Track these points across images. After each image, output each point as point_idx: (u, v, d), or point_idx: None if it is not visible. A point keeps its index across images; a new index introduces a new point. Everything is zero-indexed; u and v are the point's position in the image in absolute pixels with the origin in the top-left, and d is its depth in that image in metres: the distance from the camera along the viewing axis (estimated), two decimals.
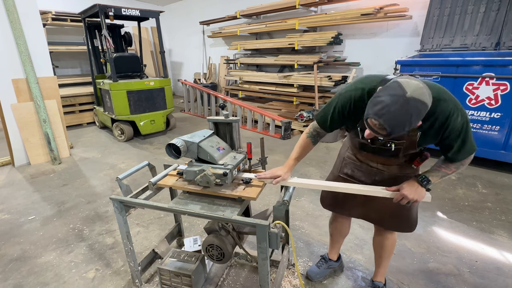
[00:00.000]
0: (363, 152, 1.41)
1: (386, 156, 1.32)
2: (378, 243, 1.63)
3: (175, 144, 1.40)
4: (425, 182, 1.20)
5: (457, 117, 1.08)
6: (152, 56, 8.83)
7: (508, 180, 3.13)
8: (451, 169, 1.21)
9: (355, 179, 1.48)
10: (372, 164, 1.42)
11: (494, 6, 3.63)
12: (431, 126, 1.12)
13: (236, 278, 1.83)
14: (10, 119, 3.67)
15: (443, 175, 1.22)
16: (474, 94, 3.23)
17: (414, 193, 1.20)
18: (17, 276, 1.93)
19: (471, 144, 1.15)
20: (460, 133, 1.11)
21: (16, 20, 3.40)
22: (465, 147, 1.14)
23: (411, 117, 0.95)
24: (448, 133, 1.11)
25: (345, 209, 1.59)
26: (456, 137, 1.12)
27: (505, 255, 2.02)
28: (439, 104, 1.07)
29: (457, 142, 1.13)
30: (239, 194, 1.37)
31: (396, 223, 1.47)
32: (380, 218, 1.49)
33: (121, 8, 4.43)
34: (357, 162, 1.48)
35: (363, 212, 1.52)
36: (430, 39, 4.14)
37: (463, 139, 1.12)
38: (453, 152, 1.16)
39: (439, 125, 1.10)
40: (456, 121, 1.08)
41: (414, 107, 0.94)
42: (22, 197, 3.01)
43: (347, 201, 1.53)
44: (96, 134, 5.41)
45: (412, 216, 1.44)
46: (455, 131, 1.10)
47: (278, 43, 5.74)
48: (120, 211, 1.49)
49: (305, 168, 3.57)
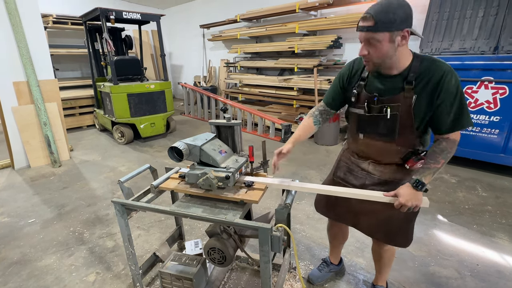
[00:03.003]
0: (359, 138, 1.38)
1: (382, 136, 1.28)
2: (376, 253, 1.60)
3: (177, 147, 1.41)
4: (420, 185, 1.16)
5: (451, 78, 1.10)
6: (152, 59, 8.86)
7: (508, 183, 3.14)
8: (439, 162, 1.16)
9: (347, 182, 1.48)
10: (363, 166, 1.40)
11: (493, 10, 3.66)
12: (425, 86, 1.13)
13: (237, 281, 1.83)
14: (11, 121, 3.67)
15: (434, 171, 1.17)
16: (473, 97, 3.25)
17: (412, 199, 1.16)
18: (17, 279, 1.92)
19: (468, 113, 1.14)
20: (455, 97, 1.11)
21: (17, 23, 3.42)
22: (463, 114, 1.12)
23: (396, 9, 1.05)
24: (442, 96, 1.12)
25: (337, 214, 1.57)
26: (451, 102, 1.12)
27: (506, 258, 2.03)
28: (434, 63, 1.13)
29: (453, 108, 1.12)
30: (241, 197, 1.37)
31: (387, 235, 1.41)
32: (369, 228, 1.45)
33: (122, 11, 4.46)
34: (349, 164, 1.47)
35: (354, 221, 1.49)
36: (429, 43, 4.17)
37: (459, 105, 1.12)
38: (450, 121, 1.14)
39: (433, 86, 1.12)
40: (450, 82, 1.10)
41: (398, 3, 1.06)
42: (22, 200, 3.00)
43: (340, 206, 1.51)
44: (96, 136, 5.41)
45: (405, 230, 1.39)
46: (449, 94, 1.11)
47: (278, 46, 5.77)
48: (122, 214, 1.49)
49: (305, 171, 3.57)
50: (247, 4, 6.65)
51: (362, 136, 1.36)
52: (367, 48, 1.14)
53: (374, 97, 1.24)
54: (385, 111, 1.21)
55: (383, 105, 1.23)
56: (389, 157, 1.33)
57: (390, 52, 1.12)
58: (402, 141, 1.26)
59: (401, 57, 1.16)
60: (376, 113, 1.25)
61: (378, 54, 1.13)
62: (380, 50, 1.11)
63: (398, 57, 1.15)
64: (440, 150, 1.18)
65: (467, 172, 3.42)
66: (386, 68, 1.20)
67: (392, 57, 1.14)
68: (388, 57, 1.14)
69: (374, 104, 1.25)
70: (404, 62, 1.18)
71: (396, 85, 1.20)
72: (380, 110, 1.24)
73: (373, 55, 1.14)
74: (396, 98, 1.19)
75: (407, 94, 1.17)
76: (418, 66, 1.16)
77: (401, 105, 1.18)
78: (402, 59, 1.17)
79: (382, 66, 1.19)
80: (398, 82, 1.20)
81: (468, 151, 3.42)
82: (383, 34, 1.08)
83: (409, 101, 1.17)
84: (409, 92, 1.16)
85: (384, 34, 1.08)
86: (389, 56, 1.13)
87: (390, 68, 1.19)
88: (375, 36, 1.09)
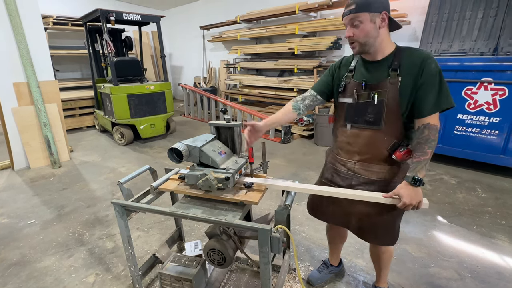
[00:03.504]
0: (347, 130, 1.39)
1: (370, 124, 1.30)
2: (374, 255, 1.62)
3: (177, 149, 1.41)
4: (417, 182, 1.18)
5: (431, 62, 1.20)
6: (152, 60, 8.87)
7: (508, 185, 3.14)
8: (427, 153, 1.19)
9: (334, 183, 1.49)
10: (349, 166, 1.41)
11: (492, 12, 3.68)
12: (409, 70, 1.21)
13: (237, 282, 1.82)
14: (11, 122, 3.68)
15: (425, 163, 1.20)
16: (473, 98, 3.26)
17: (414, 197, 1.18)
18: (16, 280, 1.91)
19: (449, 94, 1.21)
20: (435, 78, 1.19)
21: (18, 25, 3.43)
22: (444, 94, 1.20)
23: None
24: (424, 77, 1.19)
25: (328, 216, 1.57)
26: (433, 82, 1.19)
27: (506, 259, 2.02)
28: (416, 50, 1.25)
29: (435, 87, 1.19)
30: (241, 199, 1.37)
31: (376, 236, 1.43)
32: (360, 229, 1.45)
33: (122, 13, 4.47)
34: (335, 165, 1.48)
35: (346, 221, 1.49)
36: (429, 44, 4.18)
37: (440, 85, 1.20)
38: (432, 101, 1.19)
39: (416, 69, 1.20)
40: (431, 65, 1.19)
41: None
42: (22, 201, 3.00)
43: (330, 208, 1.52)
44: (96, 137, 5.41)
45: (391, 229, 1.41)
46: (430, 76, 1.19)
47: (278, 47, 5.78)
48: (122, 215, 1.49)
49: (305, 172, 3.57)
50: (247, 5, 6.66)
51: (350, 126, 1.39)
52: (351, 30, 1.23)
53: (362, 82, 1.31)
54: (373, 97, 1.27)
55: (371, 91, 1.29)
56: (376, 149, 1.33)
57: (372, 32, 1.21)
58: (388, 129, 1.29)
59: (383, 40, 1.25)
60: (364, 100, 1.31)
61: (362, 34, 1.22)
62: (363, 29, 1.21)
63: (381, 39, 1.24)
64: (424, 139, 1.21)
65: (467, 173, 3.42)
66: (371, 52, 1.27)
67: (376, 39, 1.23)
68: (371, 36, 1.22)
69: (362, 90, 1.31)
70: (386, 46, 1.27)
71: (382, 71, 1.27)
72: (368, 97, 1.29)
73: (358, 35, 1.22)
74: (383, 84, 1.26)
75: (392, 80, 1.23)
76: (401, 54, 1.25)
77: (387, 91, 1.24)
78: (385, 43, 1.26)
79: (368, 48, 1.25)
80: (383, 68, 1.27)
81: (468, 152, 3.42)
82: (364, 15, 1.19)
83: (395, 87, 1.23)
84: (394, 78, 1.23)
85: (365, 15, 1.19)
86: (372, 36, 1.22)
87: (374, 52, 1.27)
88: (357, 17, 1.20)
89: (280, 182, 1.48)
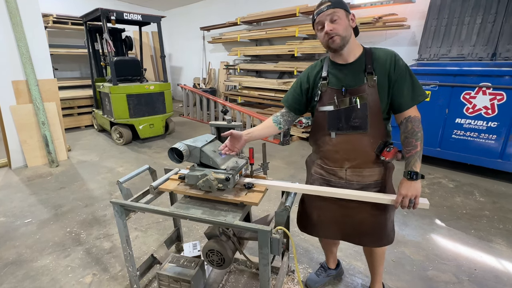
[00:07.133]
0: (331, 138, 1.36)
1: (356, 129, 1.30)
2: (368, 253, 1.64)
3: (177, 148, 1.40)
4: (414, 175, 1.21)
5: (399, 58, 1.28)
6: (152, 60, 8.87)
7: (505, 189, 3.15)
8: (417, 146, 1.23)
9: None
10: (341, 174, 1.38)
11: (490, 17, 3.71)
12: (381, 68, 1.26)
13: (235, 284, 1.82)
14: (9, 120, 3.65)
15: (418, 155, 1.23)
16: (471, 103, 3.28)
17: (412, 190, 1.21)
18: (12, 280, 1.89)
19: (420, 86, 1.28)
20: (406, 72, 1.26)
21: (18, 23, 3.42)
22: (417, 86, 1.27)
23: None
24: (397, 71, 1.25)
25: (320, 231, 1.55)
26: (404, 76, 1.26)
27: (503, 263, 2.03)
28: (382, 50, 1.31)
29: (408, 81, 1.26)
30: (241, 199, 1.36)
31: (375, 239, 1.43)
32: (358, 237, 1.45)
33: (123, 12, 4.47)
34: (324, 175, 1.45)
35: (341, 232, 1.48)
36: (428, 49, 4.21)
37: (411, 79, 1.26)
38: (409, 94, 1.25)
39: (387, 66, 1.26)
40: (399, 61, 1.27)
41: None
42: (19, 199, 2.98)
43: (322, 222, 1.50)
44: (94, 137, 5.39)
45: (385, 229, 1.42)
46: (402, 70, 1.25)
47: (278, 49, 5.80)
48: (120, 215, 1.48)
49: (303, 174, 3.56)
50: (247, 7, 6.68)
51: (334, 134, 1.35)
52: (331, 25, 1.24)
53: (342, 88, 1.31)
54: (355, 102, 1.28)
55: (351, 96, 1.29)
56: (364, 152, 1.32)
57: (349, 29, 1.26)
58: (374, 131, 1.30)
59: (354, 40, 1.30)
60: (347, 106, 1.30)
61: (342, 28, 1.24)
62: (342, 23, 1.23)
63: (353, 39, 1.29)
64: (410, 133, 1.25)
65: (465, 177, 3.44)
66: (344, 52, 1.29)
67: (350, 37, 1.27)
68: (348, 33, 1.25)
69: (343, 96, 1.31)
70: (356, 47, 1.31)
71: (359, 75, 1.29)
72: (350, 102, 1.30)
73: (338, 29, 1.23)
74: (363, 88, 1.27)
75: (371, 83, 1.26)
76: (371, 56, 1.29)
77: (368, 94, 1.26)
78: (355, 44, 1.30)
79: (345, 43, 1.26)
80: (358, 70, 1.29)
81: (466, 156, 3.44)
82: (341, 10, 1.23)
83: (374, 90, 1.26)
84: (372, 81, 1.26)
85: (341, 11, 1.23)
86: (348, 33, 1.26)
87: (347, 53, 1.29)
88: (336, 12, 1.23)
89: (281, 183, 1.48)
